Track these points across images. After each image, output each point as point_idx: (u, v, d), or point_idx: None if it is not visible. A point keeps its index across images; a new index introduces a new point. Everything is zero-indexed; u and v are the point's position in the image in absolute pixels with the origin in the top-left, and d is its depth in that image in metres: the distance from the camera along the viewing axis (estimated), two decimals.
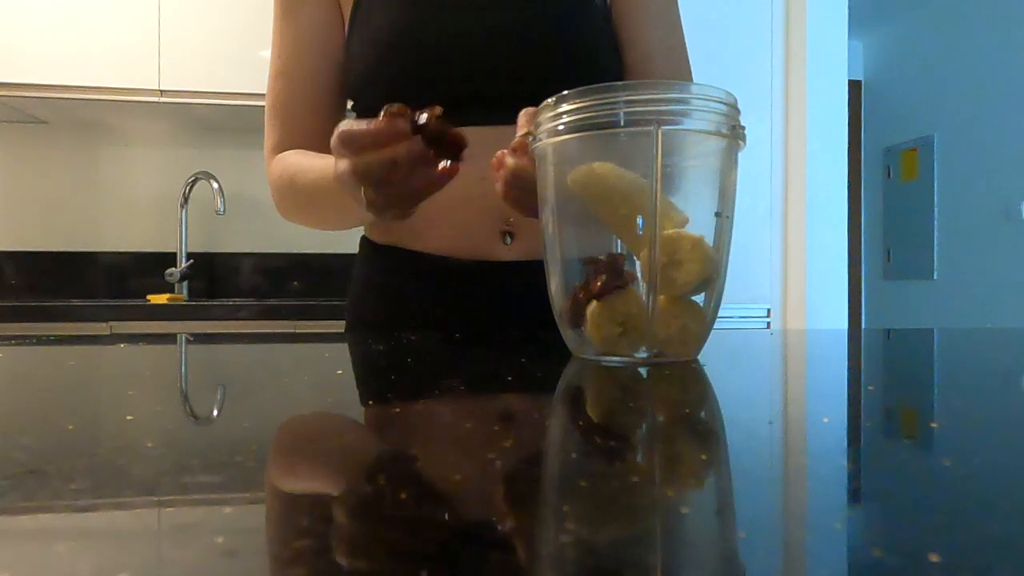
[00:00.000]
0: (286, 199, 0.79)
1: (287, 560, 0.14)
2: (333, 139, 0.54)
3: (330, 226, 0.81)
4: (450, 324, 0.74)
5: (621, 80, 0.81)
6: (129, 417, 0.28)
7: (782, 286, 2.37)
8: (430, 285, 0.76)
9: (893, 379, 0.45)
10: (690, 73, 0.84)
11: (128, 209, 2.23)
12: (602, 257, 0.45)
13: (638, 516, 0.17)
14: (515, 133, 0.71)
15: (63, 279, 2.18)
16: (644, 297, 0.43)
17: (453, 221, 0.74)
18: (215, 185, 2.10)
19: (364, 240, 0.84)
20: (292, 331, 1.71)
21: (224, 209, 2.10)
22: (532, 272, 0.73)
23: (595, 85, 0.43)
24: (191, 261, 2.19)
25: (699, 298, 0.46)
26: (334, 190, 0.63)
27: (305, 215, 0.79)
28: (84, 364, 0.47)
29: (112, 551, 0.15)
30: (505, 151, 0.57)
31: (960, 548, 0.14)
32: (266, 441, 0.25)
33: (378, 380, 0.41)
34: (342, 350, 0.59)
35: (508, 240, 0.74)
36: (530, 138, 0.48)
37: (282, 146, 0.80)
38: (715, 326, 0.47)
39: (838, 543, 0.15)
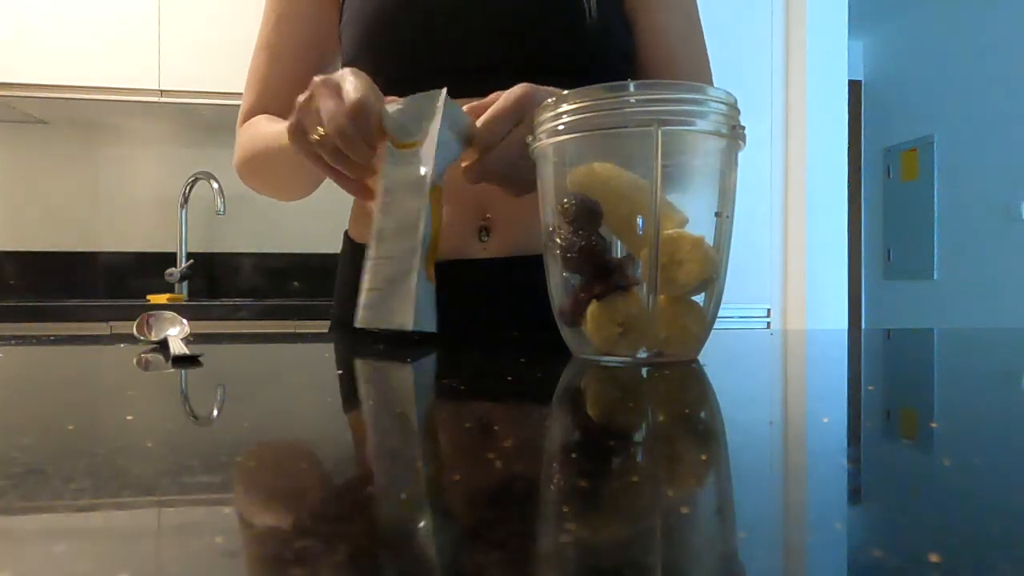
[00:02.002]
0: (246, 156, 0.79)
1: (287, 560, 0.14)
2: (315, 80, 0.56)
3: (285, 187, 0.81)
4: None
5: (631, 58, 0.79)
6: (129, 417, 0.28)
7: (782, 286, 2.37)
8: None
9: (893, 379, 0.45)
10: (710, 75, 0.82)
11: (128, 209, 2.23)
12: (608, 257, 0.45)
13: (638, 516, 0.17)
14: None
15: (63, 279, 2.18)
16: (644, 297, 0.43)
17: None
18: (215, 185, 2.10)
19: (345, 236, 0.83)
20: (292, 331, 1.71)
21: (224, 209, 2.10)
22: (510, 270, 0.71)
23: (595, 85, 0.43)
24: (191, 261, 2.20)
25: (699, 298, 0.46)
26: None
27: (261, 174, 0.79)
28: (84, 364, 0.47)
29: (112, 551, 0.15)
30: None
31: (960, 548, 0.14)
32: (266, 441, 0.25)
33: (378, 380, 0.41)
34: (342, 350, 0.59)
35: (484, 237, 0.71)
36: (529, 138, 0.48)
37: (254, 112, 0.81)
38: (715, 326, 0.47)
39: (838, 543, 0.15)
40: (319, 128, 0.54)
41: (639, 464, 0.22)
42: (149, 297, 2.00)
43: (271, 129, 0.73)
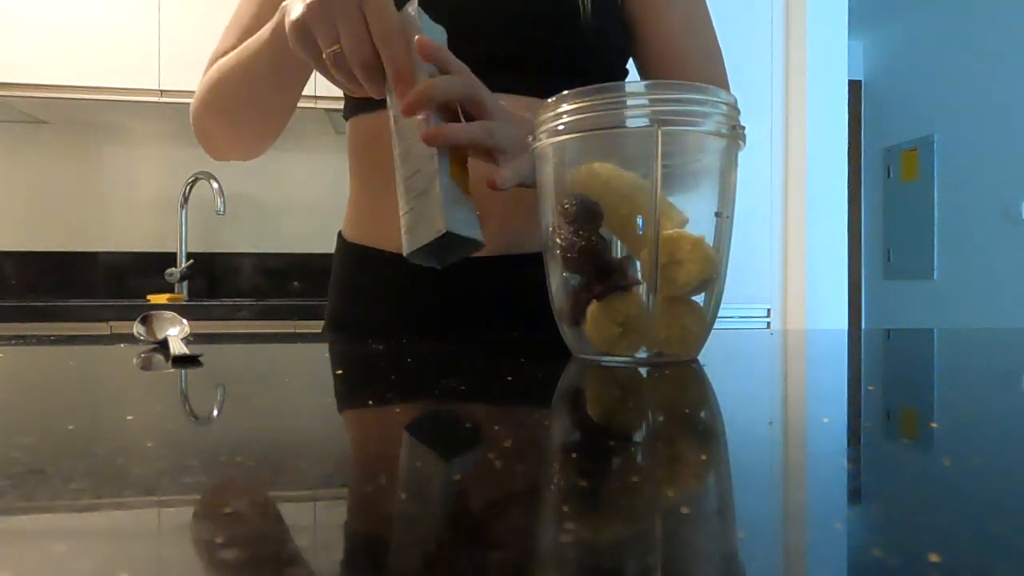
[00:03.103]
0: (209, 85, 0.73)
1: (287, 560, 0.14)
2: None
3: (247, 118, 0.74)
4: (417, 327, 0.71)
5: (628, 56, 0.79)
6: (129, 417, 0.28)
7: (782, 286, 2.37)
8: (392, 287, 0.73)
9: (893, 379, 0.45)
10: (722, 67, 0.81)
11: (128, 209, 2.23)
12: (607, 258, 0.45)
13: (638, 516, 0.17)
14: (509, 103, 0.68)
15: (63, 279, 2.18)
16: (644, 297, 0.43)
17: None
18: (215, 185, 2.10)
19: (339, 237, 0.82)
20: (292, 331, 1.71)
21: (224, 209, 2.10)
22: (501, 269, 0.71)
23: (595, 85, 0.43)
24: (191, 261, 2.19)
25: (699, 298, 0.46)
26: (271, 45, 0.60)
27: (224, 102, 0.72)
28: (84, 364, 0.47)
29: (112, 551, 0.15)
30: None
31: (960, 548, 0.14)
32: (266, 441, 0.25)
33: (378, 380, 0.41)
34: (342, 350, 0.59)
35: None
36: (529, 138, 0.48)
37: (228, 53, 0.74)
38: (715, 326, 0.47)
39: (838, 543, 0.15)
40: (334, 45, 0.51)
41: (639, 464, 0.22)
42: (149, 297, 2.00)
43: (244, 44, 0.68)
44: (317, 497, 0.19)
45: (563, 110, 0.44)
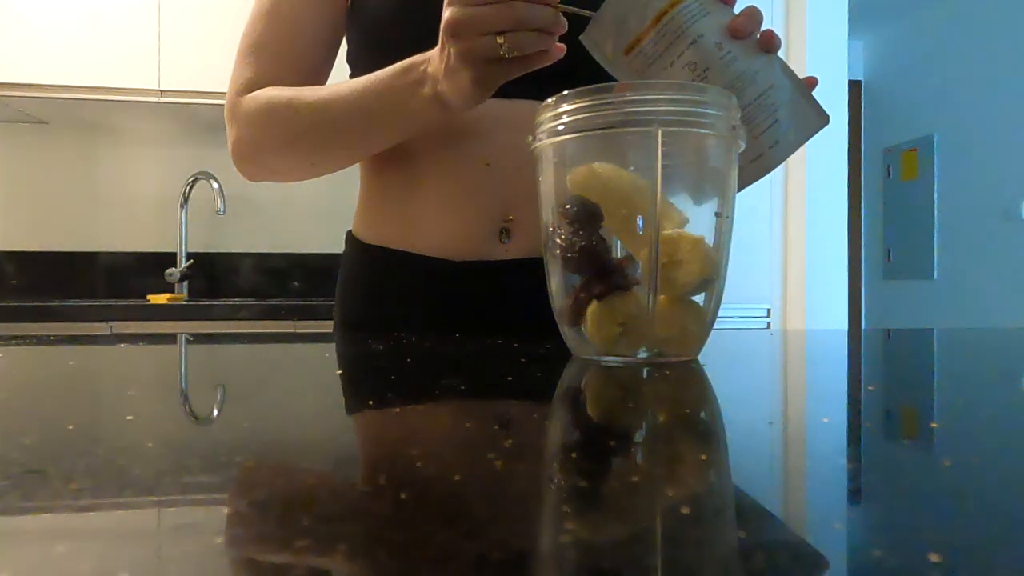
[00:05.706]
0: (278, 124, 0.69)
1: (288, 560, 0.14)
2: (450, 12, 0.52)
3: (338, 152, 0.71)
4: (439, 328, 0.71)
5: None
6: (129, 417, 0.28)
7: (782, 286, 2.37)
8: (417, 289, 0.72)
9: (893, 379, 0.45)
10: None
11: (128, 209, 2.23)
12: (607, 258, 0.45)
13: (638, 516, 0.17)
14: (528, 108, 0.67)
15: (63, 279, 2.18)
16: (644, 297, 0.43)
17: (446, 218, 0.70)
18: (215, 185, 2.10)
19: (350, 237, 0.81)
20: (292, 331, 1.71)
21: (224, 209, 2.10)
22: (529, 271, 0.71)
23: (595, 85, 0.43)
24: (191, 261, 2.19)
25: (699, 298, 0.46)
26: (386, 91, 0.61)
27: (304, 140, 0.69)
28: (84, 364, 0.47)
29: (112, 551, 0.15)
30: None
31: (960, 548, 0.14)
32: (266, 441, 0.25)
33: (378, 380, 0.41)
34: (342, 350, 0.59)
35: (505, 239, 0.70)
36: (528, 138, 0.48)
37: (259, 84, 0.71)
38: (715, 326, 0.47)
39: (838, 543, 0.15)
40: (499, 42, 0.52)
41: (639, 464, 0.22)
42: (149, 297, 2.00)
43: (341, 92, 0.66)
44: (317, 497, 0.19)
45: (563, 110, 0.44)
